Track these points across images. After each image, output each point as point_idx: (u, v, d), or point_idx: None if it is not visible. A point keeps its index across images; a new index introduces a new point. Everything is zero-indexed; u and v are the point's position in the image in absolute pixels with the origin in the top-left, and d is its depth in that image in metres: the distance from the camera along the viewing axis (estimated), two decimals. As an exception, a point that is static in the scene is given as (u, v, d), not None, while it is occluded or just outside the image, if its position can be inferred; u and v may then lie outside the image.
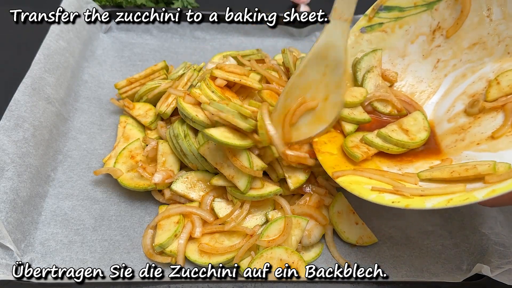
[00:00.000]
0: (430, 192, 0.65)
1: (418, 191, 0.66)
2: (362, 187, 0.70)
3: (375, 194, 0.68)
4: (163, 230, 0.78)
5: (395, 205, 0.64)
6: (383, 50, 0.92)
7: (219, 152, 0.79)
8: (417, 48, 0.91)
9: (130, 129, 0.96)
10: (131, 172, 0.87)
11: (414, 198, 0.65)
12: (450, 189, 0.64)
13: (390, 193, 0.67)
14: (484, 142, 0.76)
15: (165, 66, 1.05)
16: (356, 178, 0.73)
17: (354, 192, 0.69)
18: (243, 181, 0.78)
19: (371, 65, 0.90)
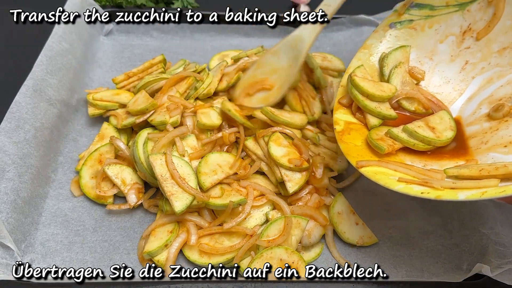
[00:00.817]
0: (462, 186, 0.63)
1: (449, 183, 0.64)
2: (388, 178, 0.69)
3: (402, 184, 0.66)
4: (155, 238, 0.78)
5: (425, 196, 0.62)
6: (412, 48, 0.91)
7: None
8: (446, 48, 0.90)
9: (106, 128, 0.95)
10: (94, 180, 0.87)
11: (444, 190, 0.63)
12: (483, 184, 0.62)
13: (419, 185, 0.65)
14: (511, 145, 0.75)
15: (163, 59, 1.06)
16: (381, 169, 0.72)
17: (379, 182, 0.68)
18: (181, 202, 0.76)
19: (399, 60, 0.88)
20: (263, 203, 0.83)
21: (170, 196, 0.76)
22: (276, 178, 0.84)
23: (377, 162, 0.73)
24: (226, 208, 0.78)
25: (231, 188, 0.84)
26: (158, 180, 0.78)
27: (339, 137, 0.80)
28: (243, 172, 0.84)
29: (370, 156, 0.77)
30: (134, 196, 0.84)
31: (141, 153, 0.83)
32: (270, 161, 0.85)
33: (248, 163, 0.87)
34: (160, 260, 0.76)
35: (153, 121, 0.89)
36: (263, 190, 0.84)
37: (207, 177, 0.81)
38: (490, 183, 0.62)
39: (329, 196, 0.88)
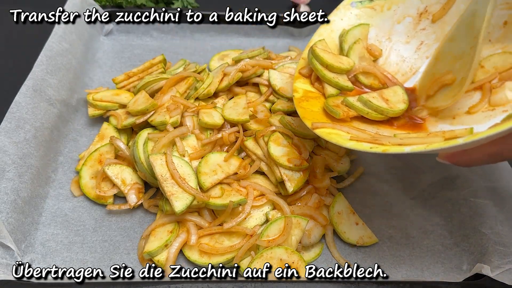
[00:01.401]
0: (408, 141, 0.65)
1: (397, 140, 0.66)
2: (341, 136, 0.71)
3: (353, 142, 0.68)
4: (155, 237, 0.78)
5: (373, 150, 0.64)
6: (371, 26, 0.94)
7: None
8: (402, 29, 0.94)
9: (106, 128, 0.96)
10: (94, 180, 0.87)
11: (392, 146, 0.65)
12: (429, 139, 0.64)
13: (369, 142, 0.68)
14: (459, 116, 0.79)
15: (163, 59, 1.06)
16: (335, 131, 0.74)
17: (332, 140, 0.70)
18: (181, 202, 0.76)
19: (357, 37, 0.92)
20: (263, 203, 0.83)
21: (170, 196, 0.76)
22: (276, 178, 0.84)
23: (332, 124, 0.75)
24: (226, 208, 0.78)
25: (231, 188, 0.84)
26: (158, 180, 0.78)
27: (297, 103, 0.82)
28: (243, 172, 0.84)
29: (325, 120, 0.79)
30: (134, 196, 0.84)
31: (141, 153, 0.83)
32: (269, 161, 0.85)
33: (248, 163, 0.87)
34: (160, 260, 0.76)
35: (153, 121, 0.89)
36: (263, 190, 0.84)
37: (207, 177, 0.81)
38: (435, 139, 0.64)
39: (329, 196, 0.88)
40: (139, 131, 0.89)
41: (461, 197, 0.86)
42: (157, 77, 0.96)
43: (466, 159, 0.60)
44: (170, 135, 0.84)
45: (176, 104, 0.90)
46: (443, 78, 0.82)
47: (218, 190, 0.82)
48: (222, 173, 0.83)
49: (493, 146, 0.57)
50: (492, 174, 0.87)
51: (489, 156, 0.58)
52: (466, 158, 0.60)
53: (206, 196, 0.78)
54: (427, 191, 0.91)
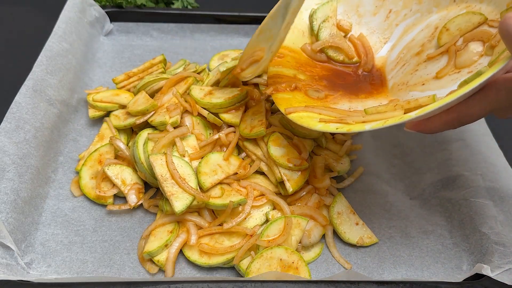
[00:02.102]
0: (371, 118, 0.68)
1: (360, 118, 0.69)
2: (311, 119, 0.73)
3: (322, 124, 0.70)
4: (155, 237, 0.78)
5: (339, 130, 0.66)
6: (338, 2, 0.95)
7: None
8: (369, 0, 0.95)
9: (105, 128, 0.96)
10: (94, 180, 0.87)
11: (355, 124, 0.67)
12: (389, 114, 0.67)
13: (335, 123, 0.70)
14: (428, 82, 0.80)
15: (163, 59, 1.06)
16: (308, 114, 0.75)
17: (303, 124, 0.71)
18: (181, 202, 0.77)
19: (327, 15, 0.93)
20: (263, 203, 0.83)
21: (170, 196, 0.76)
22: (276, 178, 0.84)
23: (304, 108, 0.76)
24: (226, 208, 0.78)
25: (231, 188, 0.84)
26: (158, 180, 0.78)
27: (274, 93, 0.83)
28: (243, 172, 0.84)
29: (299, 104, 0.80)
30: (134, 196, 0.84)
31: (141, 153, 0.83)
32: (269, 161, 0.85)
33: (248, 163, 0.87)
34: (160, 260, 0.76)
35: (153, 121, 0.89)
36: (263, 190, 0.84)
37: (207, 177, 0.81)
38: (394, 113, 0.66)
39: (329, 196, 0.88)
40: (139, 131, 0.89)
41: (461, 197, 0.86)
42: (157, 77, 0.96)
43: (429, 126, 0.64)
44: (170, 135, 0.84)
45: (175, 104, 0.90)
46: (255, 54, 0.85)
47: (218, 190, 0.82)
48: (222, 173, 0.83)
49: (450, 114, 0.61)
50: (492, 174, 0.87)
51: (447, 123, 0.62)
52: (428, 125, 0.64)
53: (206, 196, 0.78)
54: (427, 191, 0.91)
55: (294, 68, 0.87)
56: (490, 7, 0.79)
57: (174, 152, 0.84)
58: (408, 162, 0.97)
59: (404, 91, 0.83)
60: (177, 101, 0.92)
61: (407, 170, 0.96)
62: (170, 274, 0.75)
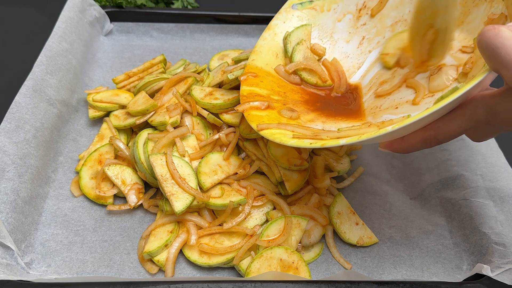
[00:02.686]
0: (345, 134, 0.68)
1: (335, 134, 0.70)
2: (284, 135, 0.72)
3: (295, 140, 0.70)
4: (155, 237, 0.78)
5: (313, 145, 0.66)
6: (313, 27, 0.96)
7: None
8: (344, 26, 0.96)
9: (105, 128, 0.95)
10: (94, 180, 0.87)
11: (330, 140, 0.67)
12: (364, 130, 0.67)
13: (310, 139, 0.70)
14: (401, 106, 0.81)
15: (163, 59, 1.06)
16: (280, 131, 0.75)
17: (276, 140, 0.71)
18: (181, 202, 0.77)
19: (301, 38, 0.93)
20: (263, 203, 0.83)
21: (170, 196, 0.76)
22: (276, 178, 0.84)
23: (277, 125, 0.76)
24: (226, 208, 0.78)
25: (231, 188, 0.84)
26: (158, 180, 0.78)
27: (246, 112, 0.82)
28: (243, 172, 0.84)
29: (271, 121, 0.80)
30: (134, 196, 0.84)
31: (141, 153, 0.83)
32: (269, 161, 0.85)
33: (248, 163, 0.87)
34: (160, 260, 0.76)
35: (153, 121, 0.89)
36: (263, 190, 0.84)
37: (207, 177, 0.81)
38: (369, 129, 0.67)
39: (329, 196, 0.88)
40: (139, 131, 0.89)
41: (461, 197, 0.86)
42: (157, 77, 0.96)
43: (403, 145, 0.63)
44: (170, 135, 0.84)
45: (175, 104, 0.90)
46: (427, 36, 0.82)
47: (218, 190, 0.82)
48: (222, 173, 0.83)
49: (427, 131, 0.60)
50: (492, 174, 0.87)
51: (423, 141, 0.61)
52: (403, 145, 0.63)
53: (206, 196, 0.78)
54: (427, 191, 0.91)
55: (267, 88, 0.87)
56: (463, 34, 0.80)
57: (174, 152, 0.84)
58: (408, 162, 0.97)
59: (377, 114, 0.83)
60: (177, 101, 0.92)
61: (407, 170, 0.96)
62: (170, 274, 0.75)
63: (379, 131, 0.59)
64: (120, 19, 1.24)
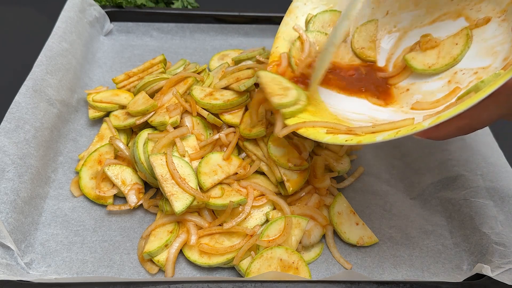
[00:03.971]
0: (381, 128, 0.67)
1: (369, 128, 0.67)
2: (318, 131, 0.71)
3: (330, 136, 0.69)
4: (155, 237, 0.78)
5: (348, 142, 0.65)
6: (335, 5, 0.93)
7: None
8: (366, 2, 0.92)
9: (105, 128, 0.96)
10: (94, 180, 0.87)
11: (365, 135, 0.66)
12: (399, 124, 0.65)
13: (344, 134, 0.69)
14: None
15: (163, 59, 1.06)
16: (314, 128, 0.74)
17: (310, 137, 0.70)
18: (181, 202, 0.77)
19: (327, 23, 0.91)
20: (263, 203, 0.83)
21: (170, 196, 0.76)
22: (276, 178, 0.84)
23: (296, 125, 0.73)
24: (226, 208, 0.78)
25: (231, 188, 0.84)
26: (158, 180, 0.78)
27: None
28: (243, 172, 0.84)
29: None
30: (134, 196, 0.84)
31: (141, 154, 0.83)
32: (269, 161, 0.85)
33: (248, 163, 0.87)
34: (160, 260, 0.76)
35: (153, 121, 0.89)
36: (263, 190, 0.84)
37: (207, 177, 0.81)
38: (405, 122, 0.65)
39: (329, 196, 0.88)
40: (139, 131, 0.89)
41: (461, 197, 0.86)
42: (157, 77, 0.96)
43: (438, 134, 0.63)
44: (170, 135, 0.84)
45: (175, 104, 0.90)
46: None
47: (218, 190, 0.82)
48: (222, 173, 0.83)
49: (461, 120, 0.60)
50: (492, 174, 0.87)
51: (458, 129, 0.61)
52: (438, 134, 0.63)
53: (206, 196, 0.78)
54: (427, 191, 0.91)
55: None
56: (491, 5, 0.79)
57: (174, 152, 0.84)
58: (408, 162, 0.97)
59: (407, 95, 0.82)
60: (177, 101, 0.92)
61: (407, 170, 0.96)
62: (170, 274, 0.75)
63: (416, 126, 0.59)
64: (120, 19, 1.24)
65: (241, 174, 0.84)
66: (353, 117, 0.79)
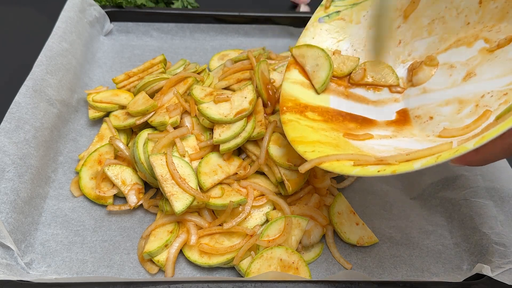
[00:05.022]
0: (416, 155, 0.61)
1: (403, 156, 0.62)
2: (343, 164, 0.67)
3: (359, 168, 0.64)
4: (155, 238, 0.78)
5: (381, 173, 0.60)
6: (344, 38, 0.92)
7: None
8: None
9: (105, 128, 0.96)
10: (94, 181, 0.87)
11: (400, 164, 0.61)
12: (437, 149, 0.60)
13: (374, 164, 0.64)
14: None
15: (163, 59, 1.06)
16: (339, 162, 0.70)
17: (335, 171, 0.66)
18: (181, 202, 0.76)
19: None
20: (263, 203, 0.83)
21: (170, 196, 0.76)
22: (276, 178, 0.84)
23: (319, 160, 0.69)
24: (226, 208, 0.78)
25: (231, 188, 0.84)
26: (158, 181, 0.78)
27: (285, 121, 0.80)
28: (243, 172, 0.84)
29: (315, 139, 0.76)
30: (134, 196, 0.84)
31: (141, 154, 0.83)
32: (269, 161, 0.85)
33: (248, 163, 0.87)
34: (160, 260, 0.76)
35: (153, 122, 0.89)
36: (263, 190, 0.84)
37: (208, 177, 0.81)
38: (443, 147, 0.60)
39: (329, 196, 0.88)
40: (139, 131, 0.89)
41: (461, 197, 0.86)
42: (157, 77, 0.96)
43: (479, 158, 0.57)
44: (170, 135, 0.84)
45: (175, 104, 0.90)
46: None
47: (218, 190, 0.82)
48: (222, 173, 0.83)
49: (505, 139, 0.54)
50: (492, 174, 0.87)
51: (503, 151, 0.55)
52: (478, 157, 0.57)
53: (206, 196, 0.78)
54: (427, 191, 0.91)
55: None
56: (511, 25, 0.76)
57: (174, 152, 0.84)
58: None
59: (432, 123, 0.78)
60: (177, 101, 0.92)
61: (407, 170, 0.96)
62: (170, 274, 0.75)
63: (459, 149, 0.54)
64: (120, 19, 1.24)
65: (241, 175, 0.84)
66: (378, 148, 0.76)
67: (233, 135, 0.84)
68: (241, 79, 0.96)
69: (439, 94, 0.81)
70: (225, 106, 0.87)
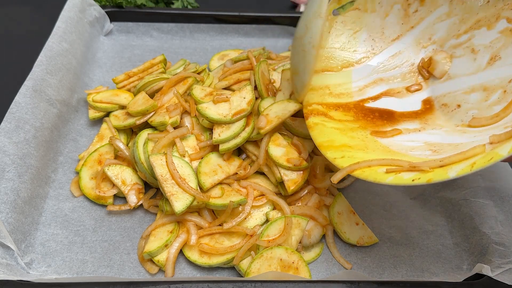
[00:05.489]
0: (450, 161, 0.60)
1: (437, 162, 0.61)
2: (376, 172, 0.65)
3: (392, 176, 0.62)
4: (155, 237, 0.78)
5: (416, 182, 0.59)
6: (361, 28, 0.90)
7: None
8: (394, 19, 0.89)
9: (105, 128, 0.96)
10: (94, 181, 0.87)
11: (434, 171, 0.60)
12: (470, 153, 0.59)
13: (407, 171, 0.62)
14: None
15: (163, 59, 1.06)
16: (371, 168, 0.68)
17: (368, 179, 0.64)
18: (181, 202, 0.76)
19: None
20: (263, 203, 0.83)
21: (170, 196, 0.76)
22: (276, 178, 0.84)
23: (350, 168, 0.68)
24: (226, 208, 0.78)
25: (231, 188, 0.84)
26: (158, 180, 0.78)
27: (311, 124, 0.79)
28: (243, 172, 0.84)
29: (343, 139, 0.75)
30: (135, 196, 0.84)
31: (141, 154, 0.83)
32: (269, 161, 0.85)
33: (248, 163, 0.87)
34: (160, 260, 0.76)
35: (153, 122, 0.89)
36: (263, 190, 0.84)
37: (208, 177, 0.81)
38: (477, 150, 0.59)
39: (329, 196, 0.88)
40: (139, 131, 0.89)
41: (461, 197, 0.86)
42: (157, 77, 0.96)
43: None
44: (170, 135, 0.84)
45: (175, 104, 0.90)
46: None
47: (218, 190, 0.82)
48: (222, 173, 0.83)
49: None
50: (492, 174, 0.87)
51: None
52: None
53: (206, 196, 0.78)
54: (427, 191, 0.91)
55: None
56: None
57: (174, 152, 0.84)
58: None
59: (459, 111, 0.76)
60: (177, 101, 0.92)
61: (407, 170, 0.96)
62: (170, 274, 0.75)
63: (494, 157, 0.53)
64: (120, 19, 1.24)
65: (241, 175, 0.84)
66: (408, 145, 0.74)
67: (233, 135, 0.84)
68: (241, 79, 0.96)
69: (465, 80, 0.78)
70: (224, 107, 0.87)
